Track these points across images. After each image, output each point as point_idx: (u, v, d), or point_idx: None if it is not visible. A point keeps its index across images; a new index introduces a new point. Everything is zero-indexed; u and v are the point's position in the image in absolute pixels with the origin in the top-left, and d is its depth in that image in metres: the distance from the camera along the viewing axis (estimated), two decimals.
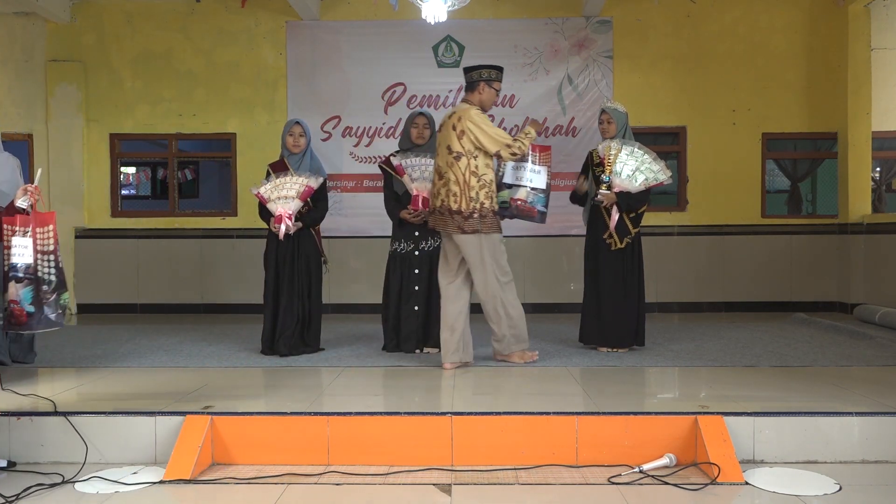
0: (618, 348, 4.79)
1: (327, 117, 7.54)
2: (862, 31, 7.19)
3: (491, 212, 4.30)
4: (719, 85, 7.47)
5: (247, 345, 5.22)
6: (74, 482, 2.99)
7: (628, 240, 4.69)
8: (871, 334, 5.42)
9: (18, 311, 3.27)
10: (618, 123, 4.72)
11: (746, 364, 4.42)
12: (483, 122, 4.29)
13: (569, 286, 7.28)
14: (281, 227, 4.60)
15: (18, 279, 3.28)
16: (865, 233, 6.98)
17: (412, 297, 4.86)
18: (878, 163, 8.20)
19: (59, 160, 7.60)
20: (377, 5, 7.11)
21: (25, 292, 3.29)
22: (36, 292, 3.31)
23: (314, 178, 4.67)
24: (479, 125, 4.26)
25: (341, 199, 7.51)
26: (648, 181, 4.57)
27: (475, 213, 4.24)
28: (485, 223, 4.26)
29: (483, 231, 4.26)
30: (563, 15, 7.44)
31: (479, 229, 4.25)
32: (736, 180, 7.48)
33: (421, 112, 5.03)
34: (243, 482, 2.99)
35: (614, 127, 4.72)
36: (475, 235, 4.27)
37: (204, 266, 7.66)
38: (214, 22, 7.64)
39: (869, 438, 3.16)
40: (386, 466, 3.13)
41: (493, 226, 4.30)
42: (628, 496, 2.80)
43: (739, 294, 7.43)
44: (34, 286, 3.32)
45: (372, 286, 6.90)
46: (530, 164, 4.42)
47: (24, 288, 3.29)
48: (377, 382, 4.13)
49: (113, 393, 3.78)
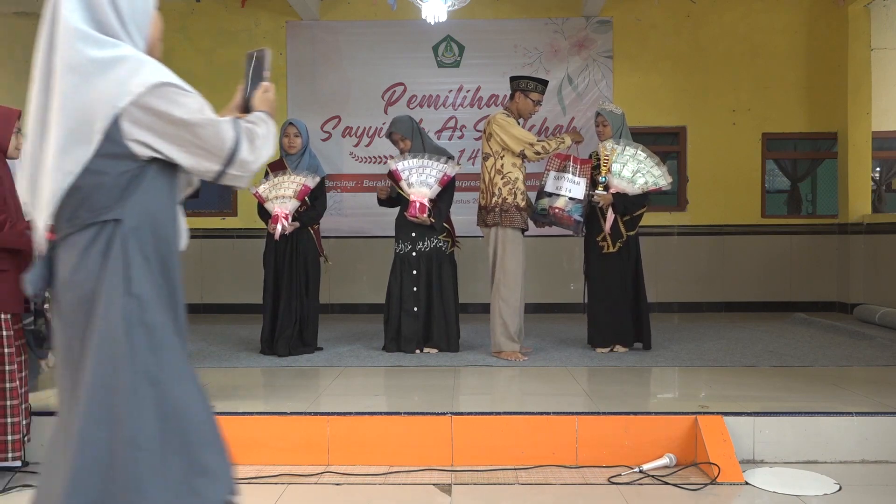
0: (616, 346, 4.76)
1: (327, 117, 7.54)
2: (862, 31, 7.19)
3: (514, 207, 4.55)
4: (719, 85, 7.47)
5: (247, 345, 5.22)
6: None
7: (620, 244, 4.67)
8: (871, 334, 5.42)
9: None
10: (613, 126, 4.73)
11: (746, 364, 4.42)
12: (508, 125, 4.59)
13: (569, 286, 7.29)
14: (277, 227, 4.60)
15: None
16: (865, 233, 6.98)
17: (411, 297, 4.86)
18: (878, 163, 8.20)
19: None
20: (377, 5, 7.10)
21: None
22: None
23: (311, 177, 4.68)
24: (504, 127, 4.58)
25: (341, 199, 7.51)
26: (648, 185, 4.57)
27: (496, 208, 4.57)
28: (505, 217, 4.55)
29: (502, 224, 4.55)
30: (563, 15, 7.43)
31: (499, 222, 4.55)
32: (736, 180, 7.47)
33: (392, 131, 4.96)
34: (243, 482, 2.99)
35: (610, 129, 4.74)
36: (493, 228, 4.60)
37: (204, 266, 7.65)
38: (214, 22, 7.64)
39: (869, 438, 3.16)
40: (386, 466, 3.13)
41: (513, 221, 4.55)
42: (628, 496, 2.80)
43: (739, 294, 7.43)
44: None
45: (372, 286, 6.90)
46: (570, 175, 4.61)
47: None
48: (377, 382, 4.13)
49: None
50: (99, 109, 1.44)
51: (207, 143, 1.52)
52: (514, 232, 4.58)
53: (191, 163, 1.53)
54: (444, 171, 4.70)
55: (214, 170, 1.55)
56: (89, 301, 1.45)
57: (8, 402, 2.88)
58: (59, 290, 1.49)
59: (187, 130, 1.50)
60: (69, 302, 1.47)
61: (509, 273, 4.57)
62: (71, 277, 1.46)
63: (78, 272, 1.46)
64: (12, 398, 2.88)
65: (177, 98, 1.50)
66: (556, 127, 7.44)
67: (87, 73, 1.45)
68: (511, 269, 4.57)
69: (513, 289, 4.58)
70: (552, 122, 7.43)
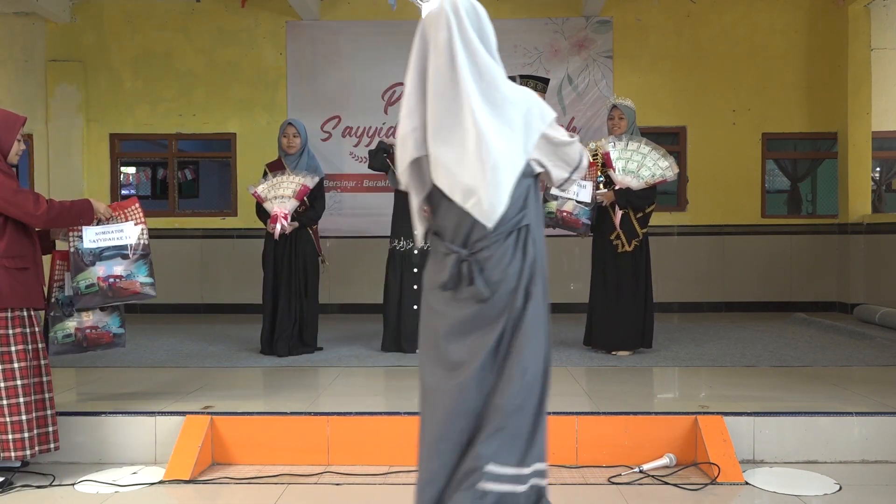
0: (621, 350, 4.72)
1: (327, 117, 7.54)
2: (862, 31, 7.19)
3: None
4: (719, 85, 7.47)
5: (247, 345, 5.22)
6: (74, 482, 2.99)
7: (636, 242, 4.61)
8: (871, 334, 5.42)
9: (130, 285, 3.39)
10: (629, 119, 4.71)
11: (746, 364, 4.42)
12: None
13: (569, 286, 7.28)
14: (276, 226, 4.60)
15: (126, 256, 3.40)
16: (865, 233, 6.98)
17: (411, 295, 4.83)
18: (878, 163, 8.20)
19: (59, 160, 7.61)
20: (377, 5, 7.10)
21: (140, 267, 3.43)
22: (149, 266, 3.46)
23: (310, 177, 4.68)
24: None
25: (341, 199, 7.51)
26: (655, 177, 4.52)
27: None
28: None
29: None
30: (563, 15, 7.44)
31: None
32: (736, 180, 7.47)
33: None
34: (243, 482, 2.99)
35: (626, 123, 4.69)
36: None
37: (204, 266, 7.66)
38: (214, 22, 7.64)
39: (869, 438, 3.16)
40: (386, 466, 3.13)
41: None
42: (628, 496, 2.80)
43: (739, 294, 7.43)
44: (147, 261, 3.44)
45: (372, 286, 6.89)
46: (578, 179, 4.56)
47: (136, 262, 3.42)
48: (377, 382, 4.13)
49: (113, 393, 3.78)
50: None
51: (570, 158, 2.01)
52: None
53: (557, 174, 2.01)
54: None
55: (563, 177, 2.03)
56: (515, 291, 1.89)
57: (5, 401, 2.87)
58: (483, 286, 1.88)
59: (563, 149, 1.98)
60: (502, 294, 1.89)
61: None
62: (504, 272, 1.88)
63: (510, 268, 1.89)
64: (10, 397, 2.87)
65: (557, 126, 1.98)
66: None
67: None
68: None
69: None
70: None
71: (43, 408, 2.99)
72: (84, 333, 3.47)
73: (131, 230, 3.42)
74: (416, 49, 1.92)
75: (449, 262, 1.91)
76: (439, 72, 1.85)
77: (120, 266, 3.37)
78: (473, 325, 1.91)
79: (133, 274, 3.38)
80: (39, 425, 2.97)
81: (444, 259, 1.94)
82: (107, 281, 3.35)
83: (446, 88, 1.85)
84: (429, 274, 2.01)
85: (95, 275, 3.34)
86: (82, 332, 3.47)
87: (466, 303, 1.91)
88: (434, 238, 2.02)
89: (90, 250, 3.35)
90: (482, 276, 1.89)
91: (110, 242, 3.39)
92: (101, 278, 3.34)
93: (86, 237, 3.35)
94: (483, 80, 1.86)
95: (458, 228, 1.92)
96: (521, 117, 1.88)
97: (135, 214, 3.46)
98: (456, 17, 1.88)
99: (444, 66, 1.85)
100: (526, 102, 1.90)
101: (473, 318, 1.91)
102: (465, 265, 1.89)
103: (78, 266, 3.33)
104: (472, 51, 1.87)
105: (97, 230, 3.37)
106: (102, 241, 3.38)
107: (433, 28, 1.89)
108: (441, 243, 1.97)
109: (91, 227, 3.36)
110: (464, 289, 1.91)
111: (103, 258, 3.36)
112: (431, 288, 1.98)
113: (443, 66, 1.85)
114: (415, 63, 1.91)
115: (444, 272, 1.92)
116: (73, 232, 3.35)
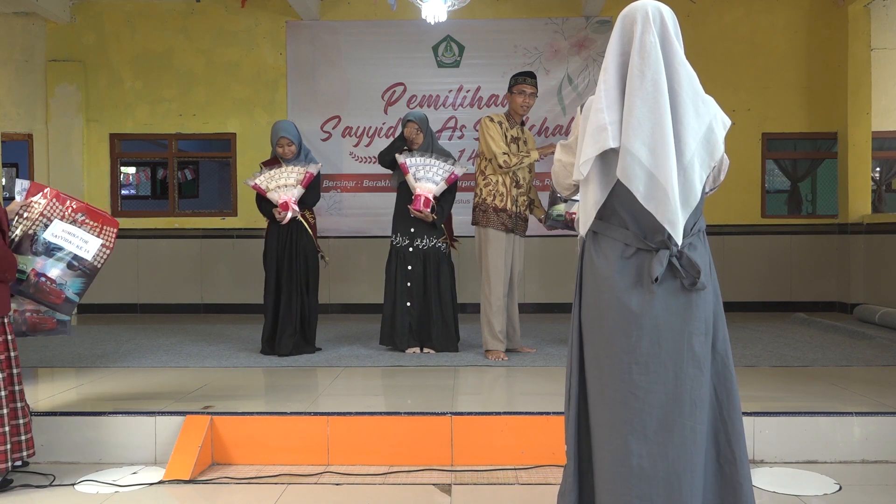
0: None
1: (327, 117, 7.54)
2: (862, 31, 7.19)
3: (491, 208, 4.61)
4: (719, 85, 7.45)
5: (247, 345, 5.22)
6: (75, 482, 2.99)
7: None
8: (871, 334, 5.42)
9: (56, 293, 3.13)
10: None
11: (746, 364, 4.42)
12: (487, 130, 4.62)
13: (570, 286, 7.27)
14: (288, 213, 4.64)
15: (72, 267, 3.16)
16: (865, 233, 6.98)
17: (404, 292, 4.85)
18: (878, 163, 8.20)
19: (59, 160, 7.60)
20: (377, 5, 7.10)
21: (76, 282, 3.18)
22: (85, 287, 3.21)
23: (312, 164, 4.78)
24: (483, 133, 4.65)
25: (341, 199, 7.51)
26: None
27: (478, 207, 4.70)
28: (483, 217, 4.64)
29: (480, 224, 4.66)
30: (563, 15, 7.44)
31: (479, 222, 4.67)
32: (736, 180, 7.45)
33: (410, 119, 4.94)
34: (243, 482, 2.99)
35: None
36: (476, 227, 4.72)
37: (204, 266, 7.66)
38: (214, 22, 7.64)
39: (869, 438, 3.16)
40: (385, 466, 3.13)
41: (489, 222, 4.62)
42: None
43: (739, 294, 7.42)
44: (87, 281, 3.21)
45: (372, 286, 6.90)
46: None
47: (76, 277, 3.18)
48: (376, 382, 4.13)
49: (113, 393, 3.78)
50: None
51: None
52: (495, 232, 4.61)
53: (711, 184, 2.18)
54: (450, 170, 4.77)
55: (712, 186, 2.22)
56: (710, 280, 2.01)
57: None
58: (705, 276, 1.96)
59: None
60: (705, 294, 2.00)
61: (489, 272, 4.62)
62: (702, 263, 1.95)
63: (703, 259, 1.99)
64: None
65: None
66: (555, 127, 7.44)
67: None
68: (491, 268, 4.61)
69: (493, 288, 4.60)
70: (552, 122, 7.44)
71: (15, 417, 2.92)
72: (24, 317, 3.13)
73: (94, 247, 3.22)
74: (615, 45, 1.97)
75: (660, 257, 1.92)
76: (644, 74, 1.89)
77: (58, 270, 3.14)
78: (685, 316, 1.97)
79: (65, 285, 3.15)
80: (13, 434, 2.89)
81: (638, 255, 1.95)
82: (38, 276, 3.12)
83: (654, 90, 1.89)
84: (606, 272, 1.98)
85: (33, 264, 3.11)
86: (22, 315, 3.12)
87: (676, 295, 1.95)
88: (616, 232, 1.99)
89: (46, 242, 3.13)
90: (693, 268, 1.93)
91: (69, 246, 3.17)
92: (35, 271, 3.11)
93: (51, 228, 3.14)
94: (692, 86, 1.96)
95: (656, 223, 1.91)
96: (710, 123, 1.99)
97: (108, 236, 3.28)
98: (662, 21, 1.97)
99: (650, 67, 1.90)
100: (714, 107, 2.03)
101: (685, 309, 1.97)
102: (678, 259, 1.93)
103: (25, 249, 3.09)
104: (679, 58, 1.97)
105: (67, 228, 3.18)
106: (63, 240, 3.17)
107: (638, 27, 1.93)
108: (634, 238, 1.96)
109: (62, 222, 3.16)
110: (673, 282, 1.94)
111: (53, 255, 3.14)
112: (625, 288, 1.96)
113: (649, 67, 1.90)
114: (615, 59, 1.95)
115: (650, 268, 1.91)
116: (42, 217, 3.13)
